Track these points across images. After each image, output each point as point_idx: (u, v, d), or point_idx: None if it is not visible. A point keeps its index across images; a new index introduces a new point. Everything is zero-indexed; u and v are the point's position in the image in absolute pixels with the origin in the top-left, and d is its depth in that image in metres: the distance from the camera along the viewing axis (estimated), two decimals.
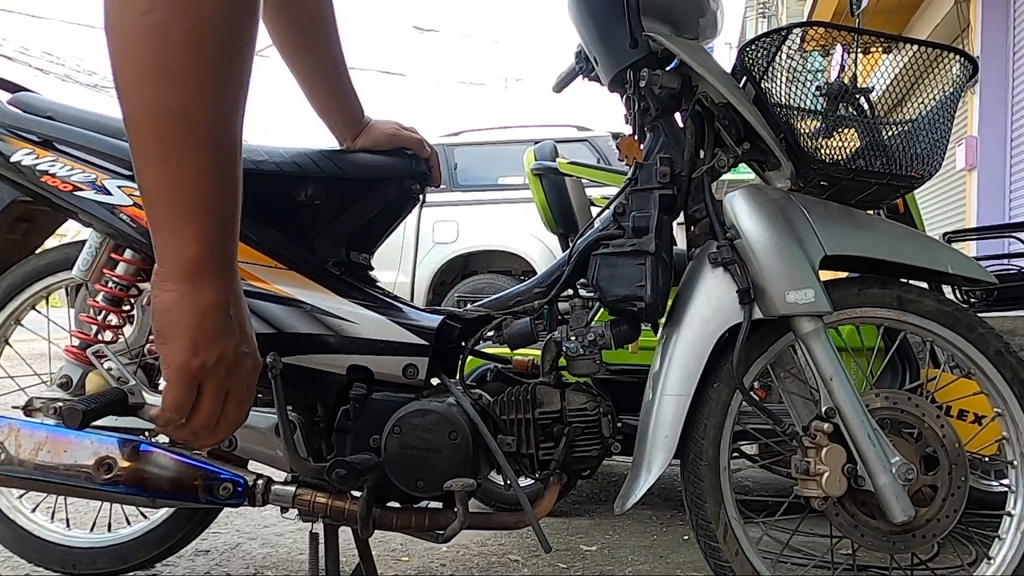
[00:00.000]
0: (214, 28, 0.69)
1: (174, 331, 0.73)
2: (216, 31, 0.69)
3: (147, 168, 0.71)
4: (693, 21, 1.24)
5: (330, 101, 1.34)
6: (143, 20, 0.67)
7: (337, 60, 1.32)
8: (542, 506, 1.19)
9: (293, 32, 1.29)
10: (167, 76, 0.68)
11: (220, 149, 0.72)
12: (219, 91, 0.70)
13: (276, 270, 1.23)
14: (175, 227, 0.72)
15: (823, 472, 1.13)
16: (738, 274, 1.14)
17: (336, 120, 1.36)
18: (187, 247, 0.72)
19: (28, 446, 1.16)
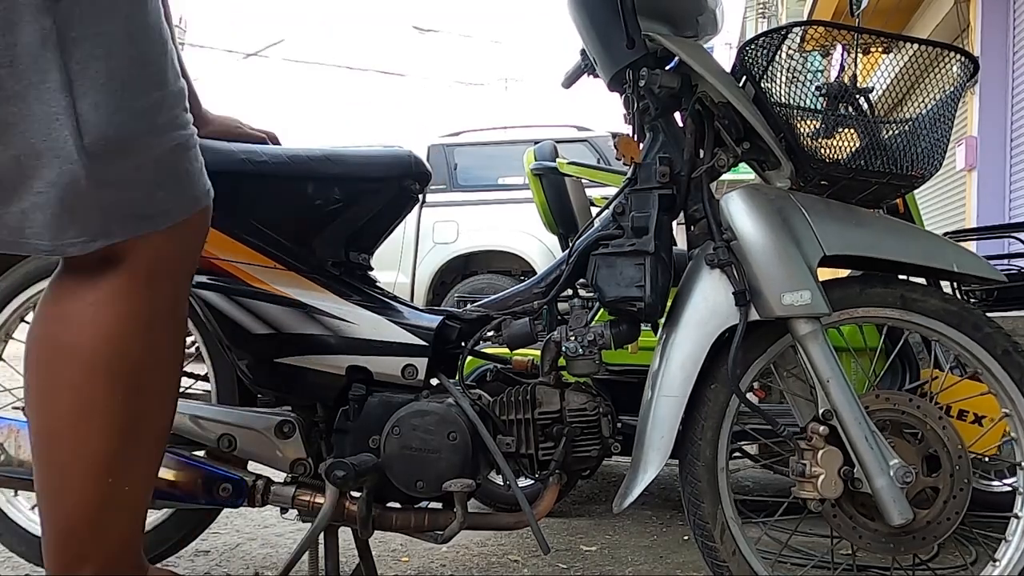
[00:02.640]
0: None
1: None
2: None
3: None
4: (692, 19, 1.24)
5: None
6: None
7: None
8: (542, 506, 1.19)
9: None
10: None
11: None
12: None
13: (275, 270, 1.23)
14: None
15: (819, 474, 1.13)
16: (734, 275, 1.14)
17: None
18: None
19: (28, 447, 1.16)
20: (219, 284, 1.22)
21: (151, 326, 0.88)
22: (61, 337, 0.86)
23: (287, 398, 1.28)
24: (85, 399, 0.85)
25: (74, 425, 0.86)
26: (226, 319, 1.22)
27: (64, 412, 0.86)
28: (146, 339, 0.88)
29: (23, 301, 1.47)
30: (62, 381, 0.86)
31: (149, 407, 0.90)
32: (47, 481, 0.88)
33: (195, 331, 1.39)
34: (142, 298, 0.87)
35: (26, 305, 1.48)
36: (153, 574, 0.96)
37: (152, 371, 0.89)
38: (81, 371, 0.85)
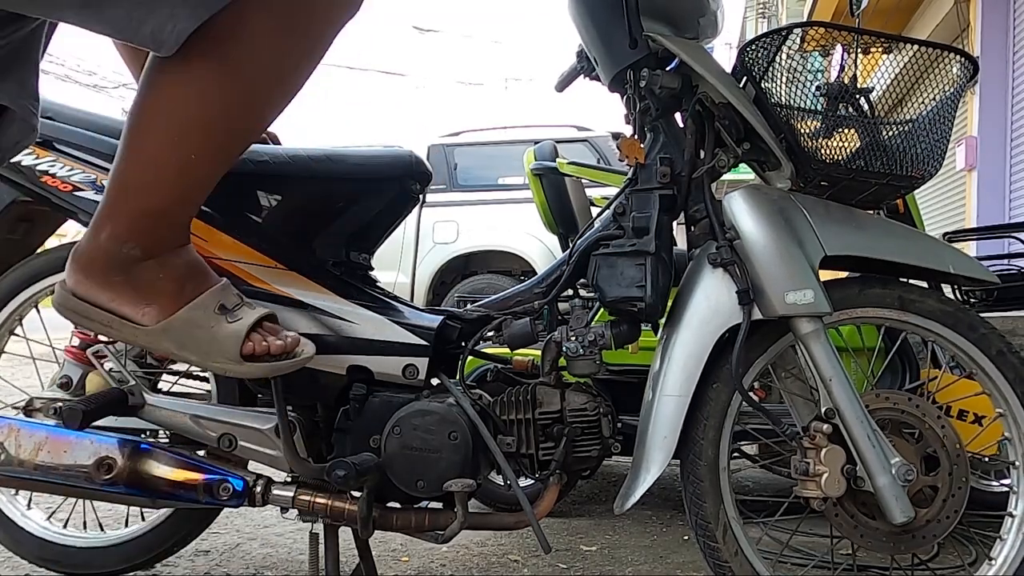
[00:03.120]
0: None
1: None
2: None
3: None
4: (693, 21, 1.24)
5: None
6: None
7: None
8: (542, 506, 1.19)
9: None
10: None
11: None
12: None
13: (276, 270, 1.23)
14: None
15: (822, 473, 1.13)
16: (737, 275, 1.14)
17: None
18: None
19: (28, 446, 1.16)
20: None
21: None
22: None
23: (287, 398, 1.28)
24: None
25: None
26: None
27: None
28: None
29: (23, 300, 1.47)
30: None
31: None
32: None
33: None
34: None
35: (26, 305, 1.48)
36: (193, 255, 1.02)
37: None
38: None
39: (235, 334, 0.99)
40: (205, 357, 0.99)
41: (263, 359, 1.00)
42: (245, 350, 0.99)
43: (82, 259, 0.98)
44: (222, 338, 0.98)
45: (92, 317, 0.98)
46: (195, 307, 0.98)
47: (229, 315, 1.00)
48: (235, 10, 0.83)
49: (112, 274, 0.96)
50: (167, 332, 0.98)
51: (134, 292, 0.97)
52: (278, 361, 1.01)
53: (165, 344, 0.98)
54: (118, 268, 0.96)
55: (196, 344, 0.98)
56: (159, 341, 0.98)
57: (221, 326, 0.99)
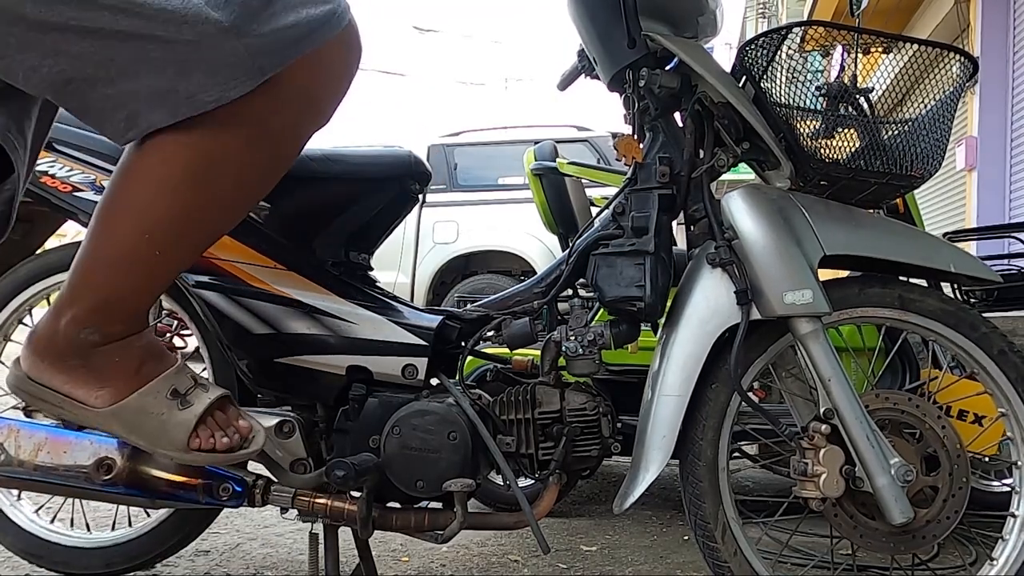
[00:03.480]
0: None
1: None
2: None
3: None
4: (692, 20, 1.24)
5: None
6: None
7: None
8: (541, 506, 1.19)
9: None
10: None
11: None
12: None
13: (275, 271, 1.23)
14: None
15: (820, 473, 1.12)
16: (736, 275, 1.14)
17: None
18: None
19: (28, 447, 1.16)
20: (219, 284, 1.22)
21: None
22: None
23: (287, 398, 1.28)
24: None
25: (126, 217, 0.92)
26: (226, 319, 1.22)
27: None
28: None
29: (23, 301, 1.47)
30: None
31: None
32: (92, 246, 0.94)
33: (195, 331, 1.40)
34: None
35: (26, 306, 1.48)
36: (151, 338, 1.02)
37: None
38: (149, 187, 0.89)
39: (184, 424, 0.99)
40: (153, 444, 1.00)
41: (211, 450, 1.01)
42: (192, 444, 0.99)
43: (39, 343, 0.98)
44: (171, 427, 0.99)
45: (45, 398, 0.99)
46: (146, 393, 0.98)
47: (181, 401, 0.99)
48: (206, 121, 0.84)
49: (68, 358, 0.97)
50: (117, 416, 0.98)
51: (89, 375, 0.98)
52: (224, 453, 1.02)
53: (115, 428, 0.99)
54: (75, 352, 0.97)
55: (145, 431, 0.99)
56: (109, 424, 0.99)
57: (171, 414, 0.99)
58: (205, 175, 0.88)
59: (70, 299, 0.96)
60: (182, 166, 0.87)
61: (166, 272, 0.97)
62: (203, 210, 0.92)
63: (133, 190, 0.90)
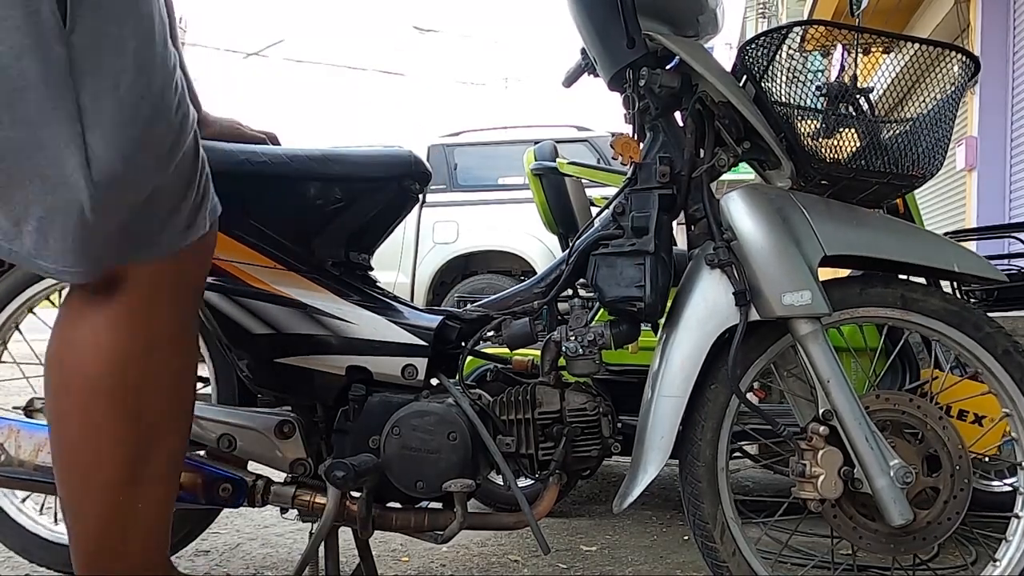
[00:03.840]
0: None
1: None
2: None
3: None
4: (692, 19, 1.24)
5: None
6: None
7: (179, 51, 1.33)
8: (541, 506, 1.19)
9: None
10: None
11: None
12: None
13: (275, 271, 1.23)
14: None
15: (819, 475, 1.12)
16: (734, 276, 1.13)
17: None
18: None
19: (28, 447, 1.16)
20: (219, 284, 1.22)
21: (151, 350, 0.89)
22: (67, 361, 0.88)
23: (287, 398, 1.28)
24: (91, 424, 0.87)
25: (83, 449, 0.88)
26: (226, 319, 1.22)
27: (74, 437, 0.88)
28: (145, 363, 0.88)
29: (22, 302, 1.46)
30: (70, 406, 0.88)
31: (156, 431, 0.91)
32: (67, 500, 0.90)
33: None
34: (142, 322, 0.88)
35: (25, 306, 1.47)
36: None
37: (155, 395, 0.90)
38: (85, 396, 0.87)
39: None
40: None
41: None
42: None
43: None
44: None
45: None
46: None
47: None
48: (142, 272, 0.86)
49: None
50: None
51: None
52: None
53: None
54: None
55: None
56: None
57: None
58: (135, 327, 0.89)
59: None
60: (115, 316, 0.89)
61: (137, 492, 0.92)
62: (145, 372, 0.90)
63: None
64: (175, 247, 0.89)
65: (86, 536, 0.89)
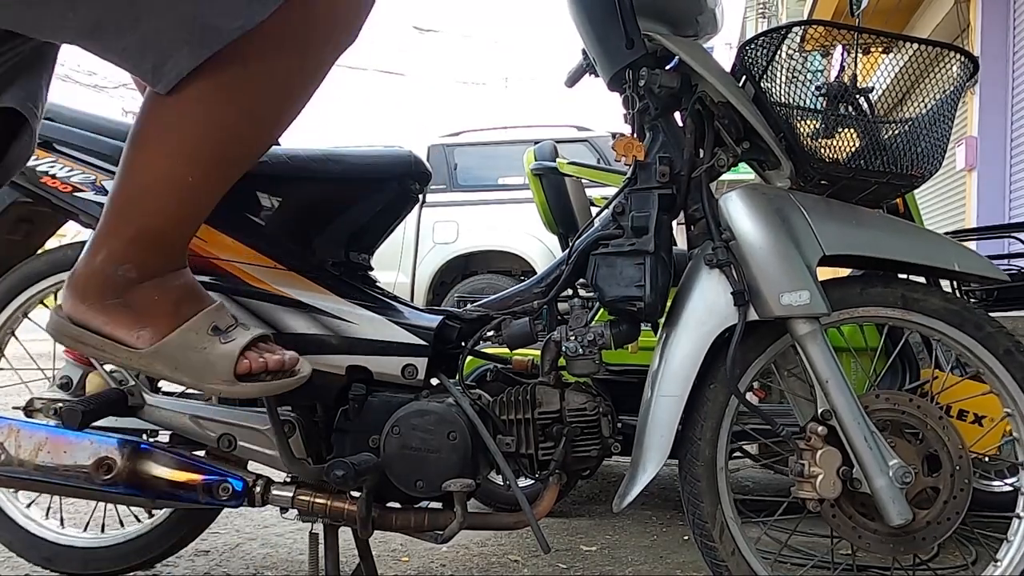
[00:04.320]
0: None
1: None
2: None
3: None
4: (692, 19, 1.24)
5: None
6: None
7: None
8: (541, 506, 1.19)
9: None
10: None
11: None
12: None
13: (275, 270, 1.23)
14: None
15: (817, 474, 1.12)
16: (733, 276, 1.13)
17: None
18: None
19: (28, 447, 1.16)
20: (219, 284, 1.22)
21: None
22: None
23: (287, 398, 1.28)
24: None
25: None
26: None
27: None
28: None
29: (25, 300, 1.47)
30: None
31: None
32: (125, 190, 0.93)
33: None
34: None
35: (27, 305, 1.48)
36: (189, 277, 1.02)
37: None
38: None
39: (228, 354, 0.98)
40: (199, 378, 0.98)
41: (258, 378, 0.99)
42: (240, 369, 0.98)
43: (78, 283, 0.97)
44: (215, 359, 0.98)
45: (86, 341, 0.98)
46: (188, 329, 0.98)
47: (223, 336, 0.99)
48: (235, 46, 0.83)
49: (107, 297, 0.96)
50: (160, 354, 0.97)
51: (128, 315, 0.97)
52: (274, 380, 1.01)
53: (158, 367, 0.98)
54: (113, 291, 0.96)
55: (190, 365, 0.98)
56: (153, 364, 0.98)
57: (214, 347, 0.98)
58: (238, 103, 0.87)
59: (105, 234, 0.95)
60: (214, 84, 0.85)
61: (200, 202, 0.96)
62: (237, 138, 0.90)
63: (164, 112, 0.89)
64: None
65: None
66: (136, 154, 0.92)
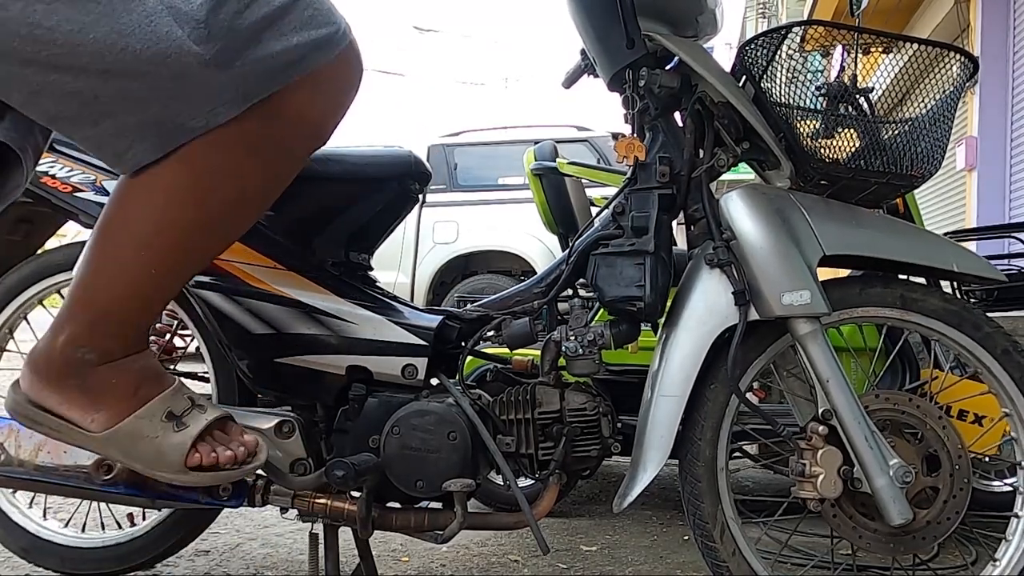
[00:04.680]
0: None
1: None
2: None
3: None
4: (692, 19, 1.24)
5: None
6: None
7: None
8: (541, 506, 1.19)
9: None
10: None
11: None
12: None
13: (275, 270, 1.23)
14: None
15: (818, 474, 1.12)
16: (734, 275, 1.14)
17: None
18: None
19: (28, 447, 1.16)
20: (219, 284, 1.22)
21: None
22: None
23: (287, 398, 1.28)
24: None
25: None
26: (226, 319, 1.22)
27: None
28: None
29: (25, 300, 1.47)
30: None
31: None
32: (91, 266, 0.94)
33: (195, 331, 1.40)
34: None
35: (27, 305, 1.48)
36: (149, 360, 1.01)
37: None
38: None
39: (180, 445, 0.97)
40: (150, 467, 0.98)
41: (211, 468, 0.99)
42: (191, 462, 0.97)
43: (38, 362, 0.97)
44: (166, 448, 0.97)
45: (42, 422, 0.98)
46: (140, 416, 0.97)
47: (176, 423, 0.98)
48: (199, 143, 0.84)
49: (66, 378, 0.96)
50: (112, 441, 0.96)
51: (85, 397, 0.96)
52: (227, 471, 1.00)
53: (112, 451, 0.98)
54: (72, 373, 0.96)
55: (140, 454, 0.97)
56: (107, 449, 0.98)
57: (167, 436, 0.97)
58: (200, 195, 0.88)
59: (68, 317, 0.95)
60: (176, 187, 0.87)
61: (163, 290, 0.96)
62: (199, 229, 0.91)
63: (128, 210, 0.90)
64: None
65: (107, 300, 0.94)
66: (100, 241, 0.93)
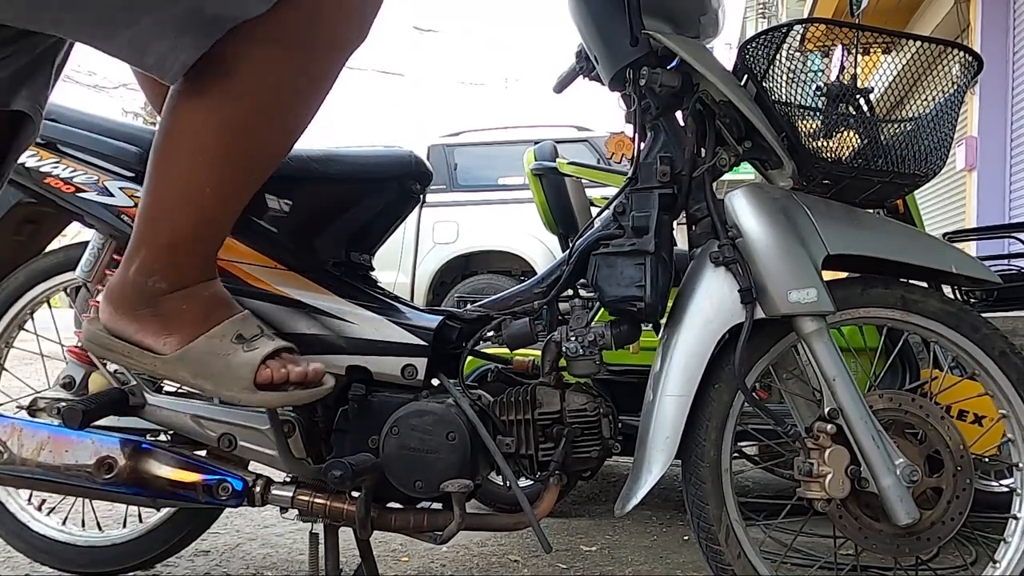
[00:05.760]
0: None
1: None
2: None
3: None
4: (694, 19, 1.24)
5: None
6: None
7: None
8: (542, 507, 1.19)
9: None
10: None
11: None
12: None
13: (276, 270, 1.23)
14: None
15: (826, 474, 1.12)
16: (740, 273, 1.13)
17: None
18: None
19: (30, 446, 1.16)
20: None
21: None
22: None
23: None
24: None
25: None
26: None
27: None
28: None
29: (30, 300, 1.47)
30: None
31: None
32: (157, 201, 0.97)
33: None
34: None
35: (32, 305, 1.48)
36: (218, 288, 1.05)
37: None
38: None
39: (249, 362, 1.00)
40: (219, 385, 1.00)
41: (278, 388, 1.01)
42: (260, 378, 0.99)
43: (112, 293, 1.01)
44: (236, 366, 0.99)
45: (115, 349, 1.01)
46: (212, 335, 1.00)
47: (246, 344, 1.01)
48: (240, 39, 0.83)
49: (139, 306, 1.00)
50: (184, 360, 1.00)
51: (158, 323, 1.00)
52: (294, 391, 1.02)
53: (181, 372, 1.01)
54: (145, 301, 0.99)
55: (211, 372, 1.00)
56: (176, 370, 1.00)
57: (237, 354, 1.00)
58: (247, 92, 0.88)
59: (136, 247, 0.98)
60: (222, 90, 0.87)
61: (225, 209, 0.98)
62: (250, 131, 0.92)
63: (180, 129, 0.91)
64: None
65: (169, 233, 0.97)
66: (159, 162, 0.94)
